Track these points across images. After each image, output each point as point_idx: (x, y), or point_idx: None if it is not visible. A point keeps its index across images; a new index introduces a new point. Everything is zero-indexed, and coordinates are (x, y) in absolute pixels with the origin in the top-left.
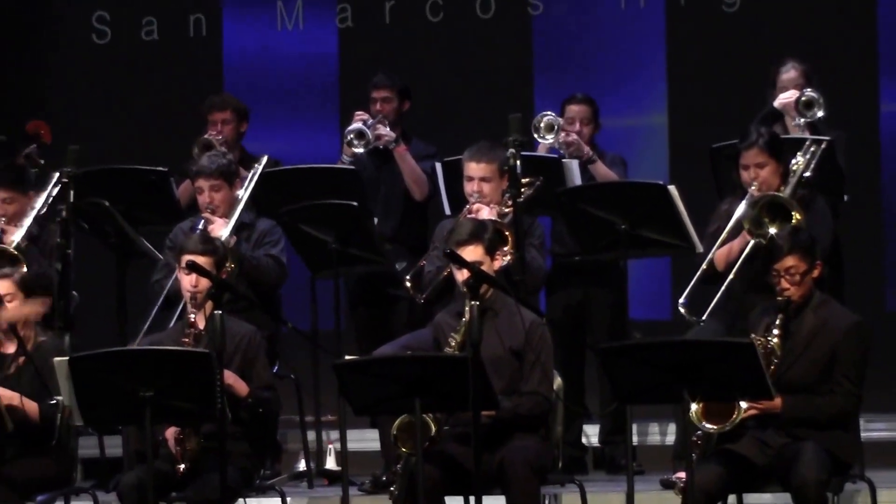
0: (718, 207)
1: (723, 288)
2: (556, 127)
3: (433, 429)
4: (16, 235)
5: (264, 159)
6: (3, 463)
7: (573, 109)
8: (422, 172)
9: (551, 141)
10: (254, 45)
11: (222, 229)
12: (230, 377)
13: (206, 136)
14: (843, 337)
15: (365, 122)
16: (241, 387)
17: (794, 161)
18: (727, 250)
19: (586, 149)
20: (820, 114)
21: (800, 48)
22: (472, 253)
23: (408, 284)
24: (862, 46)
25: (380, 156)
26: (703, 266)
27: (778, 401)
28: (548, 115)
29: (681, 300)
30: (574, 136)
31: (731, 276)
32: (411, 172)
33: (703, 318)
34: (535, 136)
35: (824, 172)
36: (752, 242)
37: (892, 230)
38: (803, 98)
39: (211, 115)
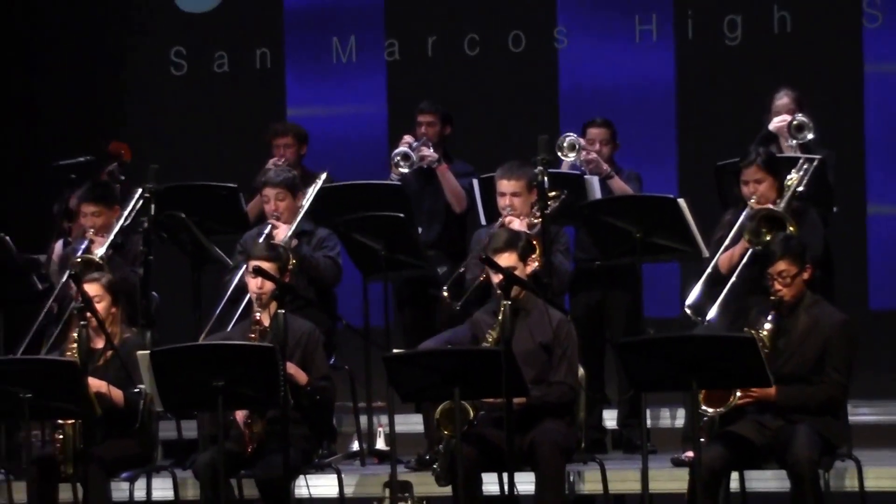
0: (722, 218)
1: (725, 290)
2: (577, 146)
3: (471, 414)
4: (100, 249)
5: (323, 175)
6: (93, 444)
7: (593, 132)
8: (461, 188)
9: (573, 159)
10: (312, 75)
11: (285, 233)
12: (291, 368)
13: (269, 162)
14: (833, 333)
15: (410, 146)
16: (302, 377)
17: (788, 177)
18: (729, 256)
19: (604, 166)
20: (810, 136)
21: (792, 77)
22: (506, 259)
23: (444, 294)
24: (849, 74)
25: (424, 173)
26: (709, 270)
27: (772, 389)
28: (570, 135)
29: (687, 303)
30: (593, 155)
31: (733, 279)
32: (452, 189)
33: (708, 317)
34: (559, 154)
35: (816, 187)
36: (750, 250)
37: (875, 238)
38: (795, 122)
39: (275, 140)
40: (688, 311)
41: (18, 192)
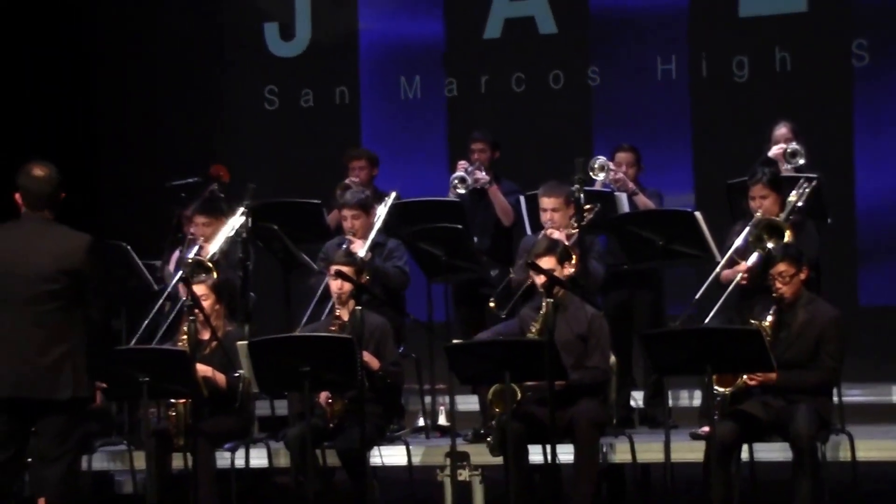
0: (732, 229)
1: (730, 288)
2: (606, 167)
3: (519, 395)
4: (212, 247)
5: (393, 194)
6: (201, 420)
7: (621, 156)
8: (509, 206)
9: (602, 178)
10: (383, 109)
11: (361, 249)
12: (366, 356)
13: (345, 180)
14: (827, 326)
15: (466, 170)
16: (374, 363)
17: (791, 194)
18: (731, 273)
19: (630, 184)
20: (801, 161)
21: (791, 108)
22: (547, 262)
23: (491, 305)
24: (840, 106)
25: (477, 192)
26: (709, 280)
27: (773, 374)
28: (600, 158)
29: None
30: (620, 175)
31: (729, 290)
32: (501, 206)
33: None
34: (591, 174)
35: (813, 203)
36: (755, 255)
37: (864, 245)
38: (789, 150)
39: (350, 162)
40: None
41: (138, 208)
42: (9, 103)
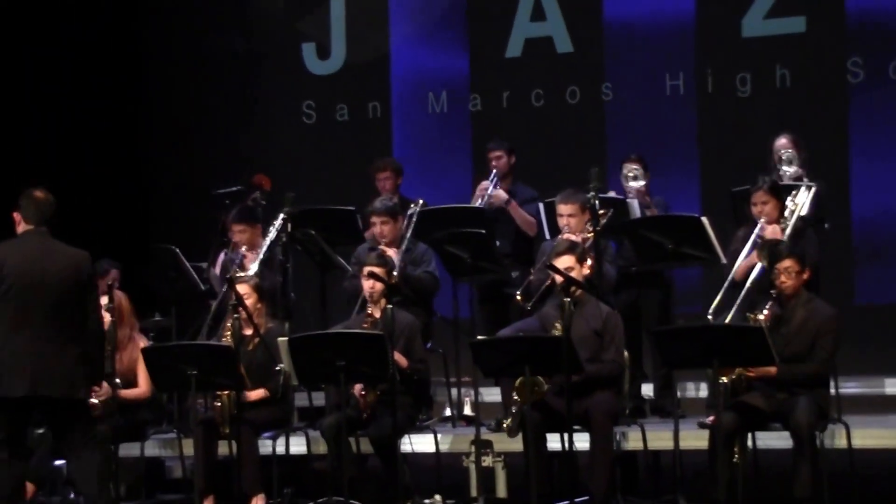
0: (735, 233)
1: (740, 298)
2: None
3: (545, 386)
4: (254, 264)
5: (420, 201)
6: (245, 411)
7: (628, 166)
8: (530, 218)
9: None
10: (412, 123)
11: (395, 257)
12: (395, 355)
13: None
14: (824, 323)
15: (485, 192)
16: (403, 362)
17: (794, 201)
18: (746, 265)
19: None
20: (794, 167)
21: (790, 121)
22: (567, 260)
23: (518, 297)
24: (837, 119)
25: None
26: (727, 282)
27: (773, 368)
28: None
29: (710, 311)
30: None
31: (747, 286)
32: (522, 220)
33: (727, 320)
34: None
35: (812, 209)
36: (759, 264)
37: (859, 248)
38: (784, 156)
39: (376, 174)
40: (710, 317)
41: (186, 214)
42: (72, 119)
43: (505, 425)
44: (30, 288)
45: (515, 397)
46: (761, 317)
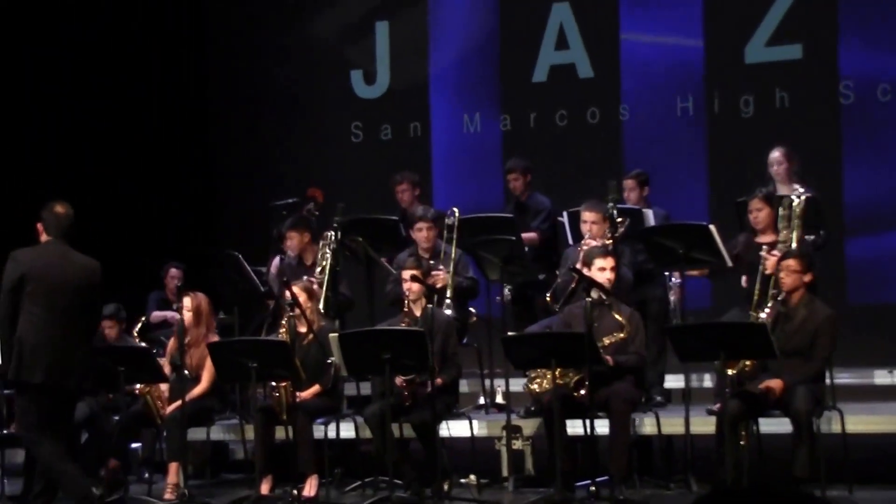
0: (736, 238)
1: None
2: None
3: (569, 377)
4: (318, 273)
5: (456, 211)
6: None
7: (627, 182)
8: (532, 236)
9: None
10: (449, 141)
11: (444, 278)
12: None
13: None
14: (823, 324)
15: None
16: (439, 381)
17: (794, 202)
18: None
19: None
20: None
21: (789, 138)
22: (605, 263)
23: (548, 298)
24: (830, 137)
25: (520, 209)
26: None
27: (780, 383)
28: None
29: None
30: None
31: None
32: (527, 240)
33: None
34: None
35: (810, 217)
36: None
37: (851, 252)
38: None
39: (396, 186)
40: (752, 313)
41: (248, 223)
42: (153, 142)
43: (528, 409)
44: (50, 291)
45: (541, 386)
46: (763, 315)
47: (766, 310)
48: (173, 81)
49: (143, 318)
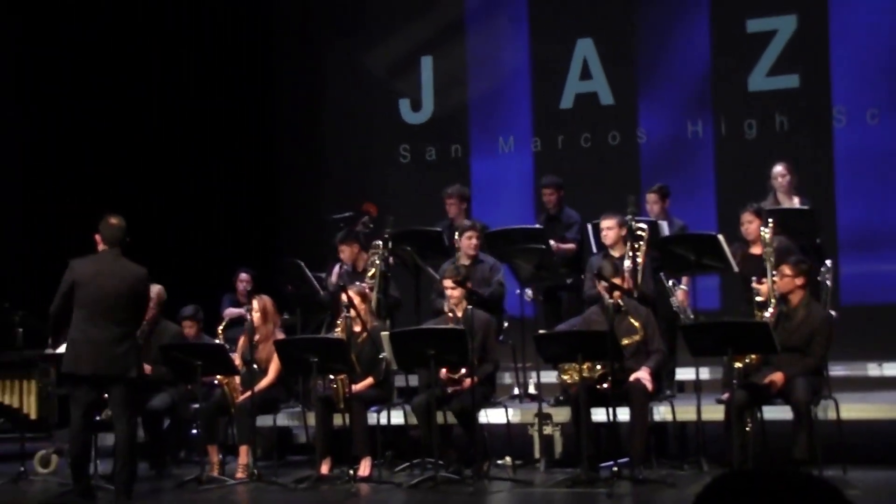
0: (733, 245)
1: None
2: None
3: (595, 371)
4: (370, 279)
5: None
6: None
7: (649, 196)
8: (568, 248)
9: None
10: (486, 160)
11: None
12: (466, 382)
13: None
14: (819, 324)
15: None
16: (467, 384)
17: (764, 229)
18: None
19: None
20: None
21: (786, 156)
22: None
23: (585, 300)
24: (824, 155)
25: (552, 222)
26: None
27: (782, 376)
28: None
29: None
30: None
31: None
32: (564, 253)
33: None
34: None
35: (808, 227)
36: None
37: (844, 258)
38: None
39: (446, 199)
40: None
41: (310, 234)
42: (227, 164)
43: (556, 398)
44: (94, 296)
45: (566, 378)
46: (767, 314)
47: (770, 311)
48: (245, 110)
49: (225, 319)
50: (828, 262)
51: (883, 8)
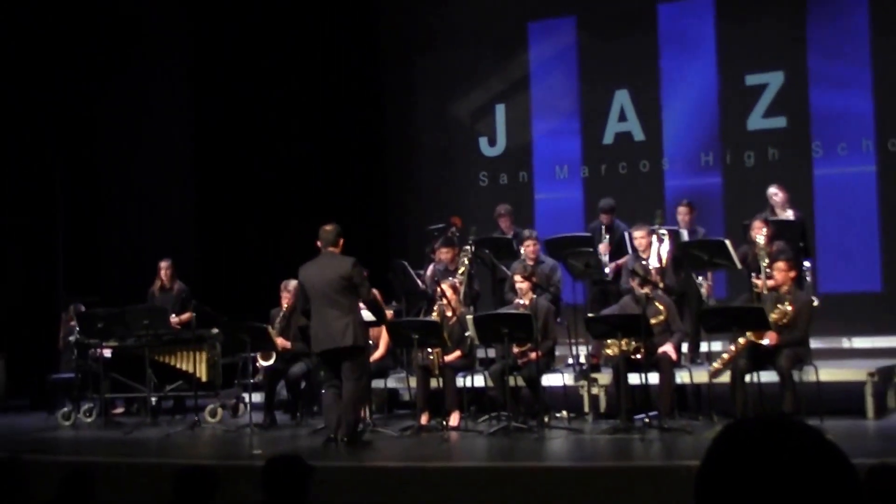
0: (742, 246)
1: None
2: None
3: (631, 345)
4: (459, 275)
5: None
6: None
7: (681, 209)
8: (623, 261)
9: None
10: (547, 185)
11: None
12: (532, 354)
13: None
14: (804, 307)
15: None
16: (533, 356)
17: (758, 238)
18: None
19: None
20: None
21: (781, 179)
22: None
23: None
24: (804, 177)
25: (609, 232)
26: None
27: (775, 336)
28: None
29: None
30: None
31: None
32: (624, 261)
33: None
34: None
35: (797, 233)
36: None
37: (821, 256)
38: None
39: (498, 218)
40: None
41: (412, 241)
42: (354, 187)
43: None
44: (313, 288)
45: (608, 351)
46: (758, 281)
47: (768, 282)
48: (364, 149)
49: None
50: (807, 264)
51: (855, 62)
